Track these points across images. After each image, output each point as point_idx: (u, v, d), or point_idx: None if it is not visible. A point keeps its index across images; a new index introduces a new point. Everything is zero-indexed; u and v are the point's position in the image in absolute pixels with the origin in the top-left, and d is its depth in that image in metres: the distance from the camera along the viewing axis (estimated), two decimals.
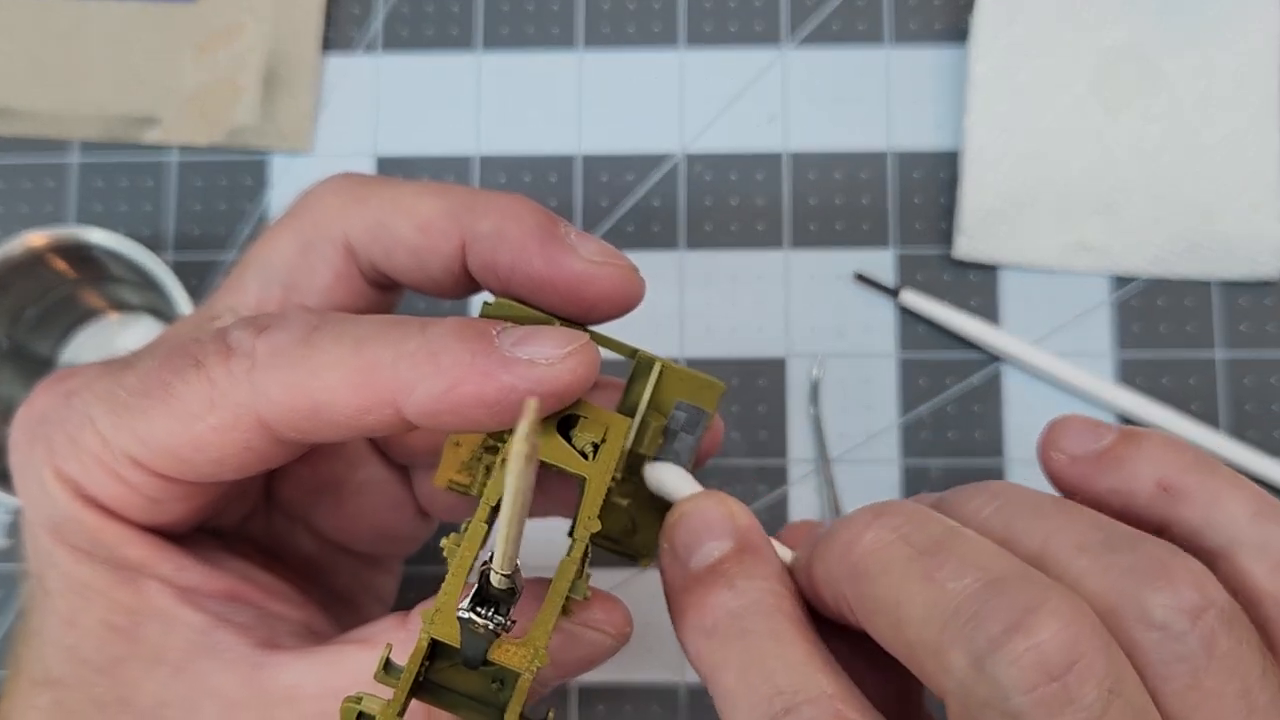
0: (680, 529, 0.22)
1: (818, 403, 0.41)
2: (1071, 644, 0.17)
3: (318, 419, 0.21)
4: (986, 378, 0.41)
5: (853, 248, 0.42)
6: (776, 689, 0.19)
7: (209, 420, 0.21)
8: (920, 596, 0.18)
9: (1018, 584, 0.18)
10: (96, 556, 0.23)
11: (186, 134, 0.43)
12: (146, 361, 0.22)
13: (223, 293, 0.26)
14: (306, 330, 0.21)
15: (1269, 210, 0.41)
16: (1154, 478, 0.21)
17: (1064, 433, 0.22)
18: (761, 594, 0.21)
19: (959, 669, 0.17)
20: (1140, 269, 0.41)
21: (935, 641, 0.18)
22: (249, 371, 0.21)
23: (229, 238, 0.43)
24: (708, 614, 0.21)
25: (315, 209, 0.25)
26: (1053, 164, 0.41)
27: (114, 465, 0.22)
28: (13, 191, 0.44)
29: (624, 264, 0.23)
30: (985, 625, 0.17)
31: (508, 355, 0.21)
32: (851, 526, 0.20)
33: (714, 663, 0.20)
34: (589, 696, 0.40)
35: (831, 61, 0.43)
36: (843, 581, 0.20)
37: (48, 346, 0.43)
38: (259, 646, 0.23)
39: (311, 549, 0.29)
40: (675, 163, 0.43)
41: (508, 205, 0.23)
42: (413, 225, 0.24)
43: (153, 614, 0.23)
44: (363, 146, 0.44)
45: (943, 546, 0.19)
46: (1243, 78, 0.41)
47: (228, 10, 0.44)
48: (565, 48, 0.44)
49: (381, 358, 0.21)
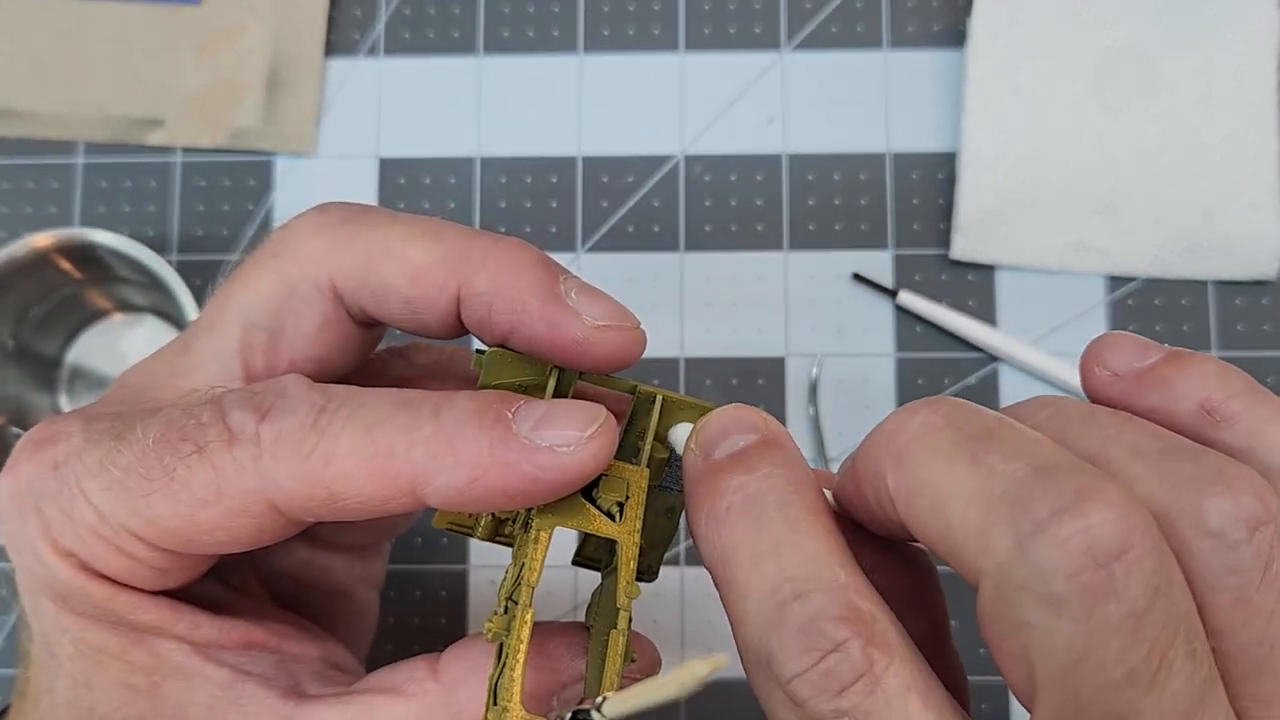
0: (708, 426, 0.21)
1: (816, 402, 0.41)
2: (1122, 533, 0.16)
3: (334, 506, 0.20)
4: (984, 378, 0.41)
5: (851, 248, 0.42)
6: (787, 576, 0.18)
7: (217, 507, 0.20)
8: (966, 478, 0.17)
9: (1070, 470, 0.17)
10: (106, 621, 0.22)
11: (190, 135, 0.44)
12: (138, 435, 0.21)
13: (202, 332, 0.24)
14: (313, 414, 0.20)
15: (1268, 210, 0.41)
16: (1197, 399, 0.20)
17: (1109, 348, 0.21)
18: (781, 480, 0.19)
19: (999, 549, 0.16)
20: (1139, 269, 0.41)
21: (978, 523, 0.17)
22: (255, 460, 0.20)
23: (233, 239, 0.44)
24: (722, 497, 0.20)
25: (298, 249, 0.23)
26: (1051, 164, 0.42)
27: (114, 540, 0.21)
28: (17, 192, 0.44)
29: (628, 326, 0.22)
30: (1033, 506, 0.16)
31: (527, 444, 0.20)
32: (898, 414, 0.19)
33: (725, 550, 0.19)
34: None
35: (830, 64, 0.43)
36: (885, 466, 0.19)
37: (53, 346, 0.43)
38: (285, 697, 0.22)
39: (306, 553, 0.29)
40: (675, 164, 0.43)
41: (505, 256, 0.22)
42: (404, 274, 0.22)
43: (171, 672, 0.22)
44: (365, 148, 0.44)
45: (993, 434, 0.18)
46: (1242, 78, 0.41)
47: (229, 11, 0.44)
48: (566, 51, 0.44)
49: (396, 445, 0.20)
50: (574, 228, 0.43)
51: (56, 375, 0.44)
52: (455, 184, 0.43)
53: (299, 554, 0.28)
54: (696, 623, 0.41)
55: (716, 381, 0.42)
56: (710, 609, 0.41)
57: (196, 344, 0.24)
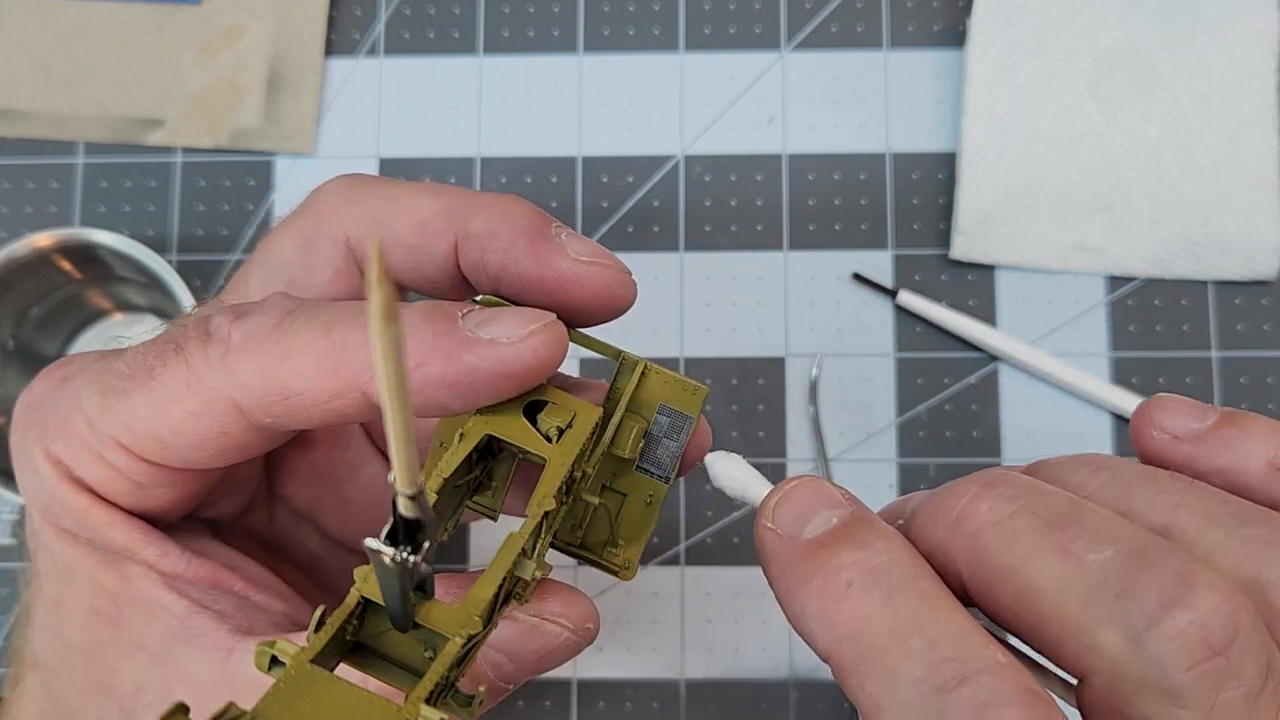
0: (786, 503, 0.20)
1: (816, 402, 0.41)
2: (1233, 619, 0.16)
3: (289, 404, 0.21)
4: (983, 377, 0.41)
5: (851, 248, 0.42)
6: (943, 656, 0.17)
7: (186, 404, 0.21)
8: (1056, 569, 0.17)
9: (1165, 556, 0.17)
10: (82, 539, 0.23)
11: (190, 136, 0.44)
12: (138, 348, 0.23)
13: (228, 291, 0.26)
14: (281, 315, 0.21)
15: (1267, 210, 0.41)
16: (1266, 457, 0.20)
17: (1164, 411, 0.21)
18: (900, 553, 0.19)
19: (1111, 647, 0.16)
20: (1138, 269, 0.41)
21: (1078, 619, 0.17)
22: (224, 356, 0.21)
23: (233, 238, 0.44)
24: (839, 572, 0.18)
25: (317, 207, 0.25)
26: (1050, 165, 0.42)
27: (99, 448, 0.22)
28: (17, 192, 0.44)
29: (613, 264, 0.23)
30: (1140, 600, 0.16)
31: (470, 336, 0.20)
32: (961, 495, 0.19)
33: (850, 627, 0.18)
34: (589, 692, 0.40)
35: (830, 64, 0.43)
36: (956, 552, 0.19)
37: (53, 346, 0.43)
38: (234, 633, 0.23)
39: (319, 549, 0.29)
40: (675, 164, 0.43)
41: (500, 205, 0.23)
42: (409, 223, 0.24)
43: (135, 600, 0.23)
44: (365, 148, 0.44)
45: (1071, 518, 0.18)
46: (1240, 79, 0.41)
47: (230, 12, 0.44)
48: (566, 51, 0.44)
49: (349, 340, 0.20)
50: (574, 227, 0.43)
51: None
52: (455, 184, 0.43)
53: (310, 542, 0.29)
54: (696, 623, 0.41)
55: (717, 381, 0.42)
56: (710, 609, 0.41)
57: (223, 300, 0.25)
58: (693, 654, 0.41)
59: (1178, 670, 0.16)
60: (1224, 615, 0.16)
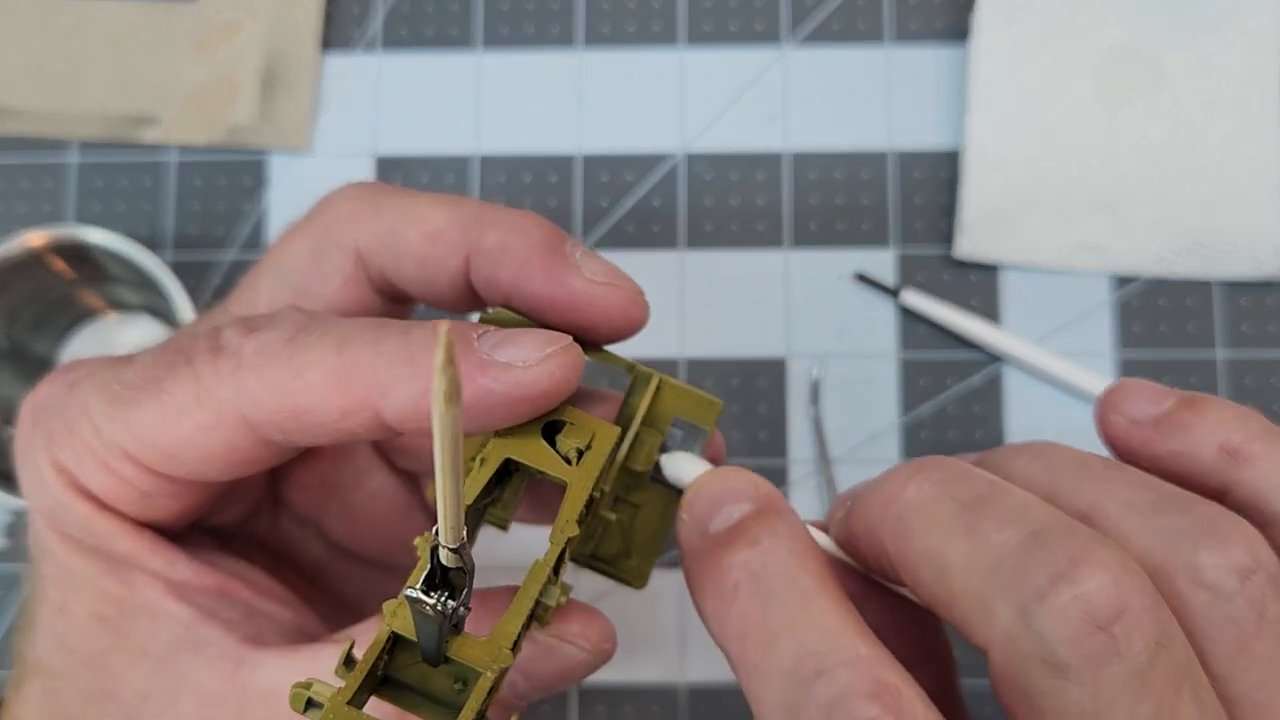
0: (699, 497, 0.21)
1: (818, 403, 0.41)
2: (1118, 595, 0.16)
3: (300, 420, 0.21)
4: (987, 378, 0.41)
5: (853, 247, 0.42)
6: (807, 651, 0.18)
7: (195, 417, 0.21)
8: (964, 549, 0.18)
9: (1062, 535, 0.17)
10: (87, 546, 0.23)
11: (185, 133, 0.43)
12: (146, 357, 0.22)
13: (237, 295, 0.26)
14: (294, 330, 0.21)
15: (1271, 209, 0.40)
16: (1217, 441, 0.20)
17: (1125, 396, 0.22)
18: (786, 552, 0.19)
19: (1003, 620, 0.17)
20: (1142, 268, 0.41)
21: (979, 593, 0.18)
22: (234, 371, 0.21)
23: (228, 237, 0.43)
24: (728, 575, 0.19)
25: (329, 214, 0.25)
26: (1054, 163, 0.41)
27: (106, 457, 0.22)
28: (11, 191, 0.44)
29: (628, 286, 0.23)
30: (1030, 576, 0.17)
31: (485, 358, 0.20)
32: (892, 481, 0.20)
33: (737, 628, 0.19)
34: (589, 697, 0.40)
35: (832, 61, 0.43)
36: (884, 535, 0.20)
37: (46, 346, 0.43)
38: (243, 643, 0.22)
39: (323, 555, 0.29)
40: (675, 162, 0.43)
41: (515, 220, 0.23)
42: (421, 235, 0.23)
43: (140, 607, 0.23)
44: (362, 146, 0.43)
45: (985, 501, 0.19)
46: (1245, 76, 0.41)
47: (226, 9, 0.44)
48: (565, 47, 0.44)
49: (361, 358, 0.20)
50: (574, 227, 0.42)
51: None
52: (453, 182, 0.43)
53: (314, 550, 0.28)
54: (696, 623, 0.40)
55: (718, 382, 0.42)
56: None
57: (230, 306, 0.25)
58: (693, 658, 0.40)
59: (1061, 644, 0.16)
60: (1109, 592, 0.16)
